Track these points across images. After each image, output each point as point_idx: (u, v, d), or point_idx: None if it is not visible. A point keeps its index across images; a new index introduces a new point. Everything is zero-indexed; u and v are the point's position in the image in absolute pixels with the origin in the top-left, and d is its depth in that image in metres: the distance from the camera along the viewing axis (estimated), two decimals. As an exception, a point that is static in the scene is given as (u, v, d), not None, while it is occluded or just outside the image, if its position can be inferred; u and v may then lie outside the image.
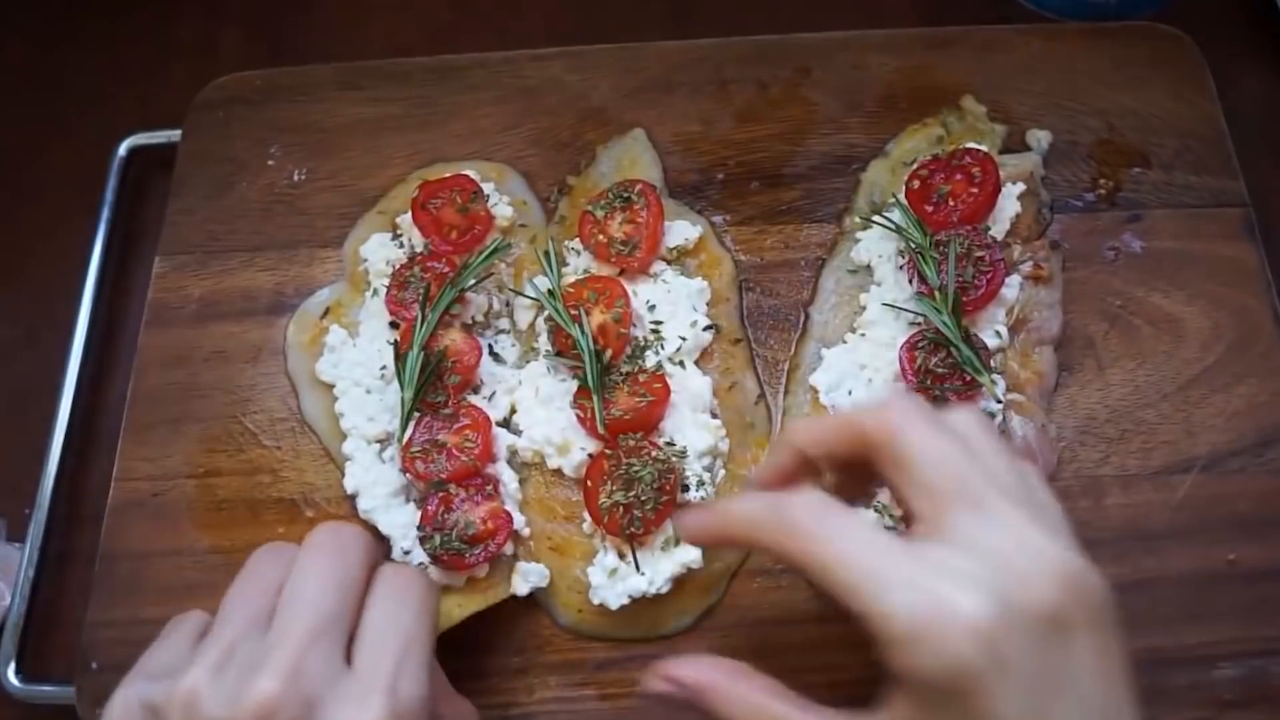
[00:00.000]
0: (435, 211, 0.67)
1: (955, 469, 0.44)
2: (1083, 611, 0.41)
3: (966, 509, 0.43)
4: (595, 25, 0.85)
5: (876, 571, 0.41)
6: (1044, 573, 0.41)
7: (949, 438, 0.45)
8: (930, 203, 0.67)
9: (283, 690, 0.43)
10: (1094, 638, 0.41)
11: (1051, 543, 0.42)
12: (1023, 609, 0.40)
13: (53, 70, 0.85)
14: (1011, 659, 0.39)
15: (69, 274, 0.74)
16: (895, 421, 0.45)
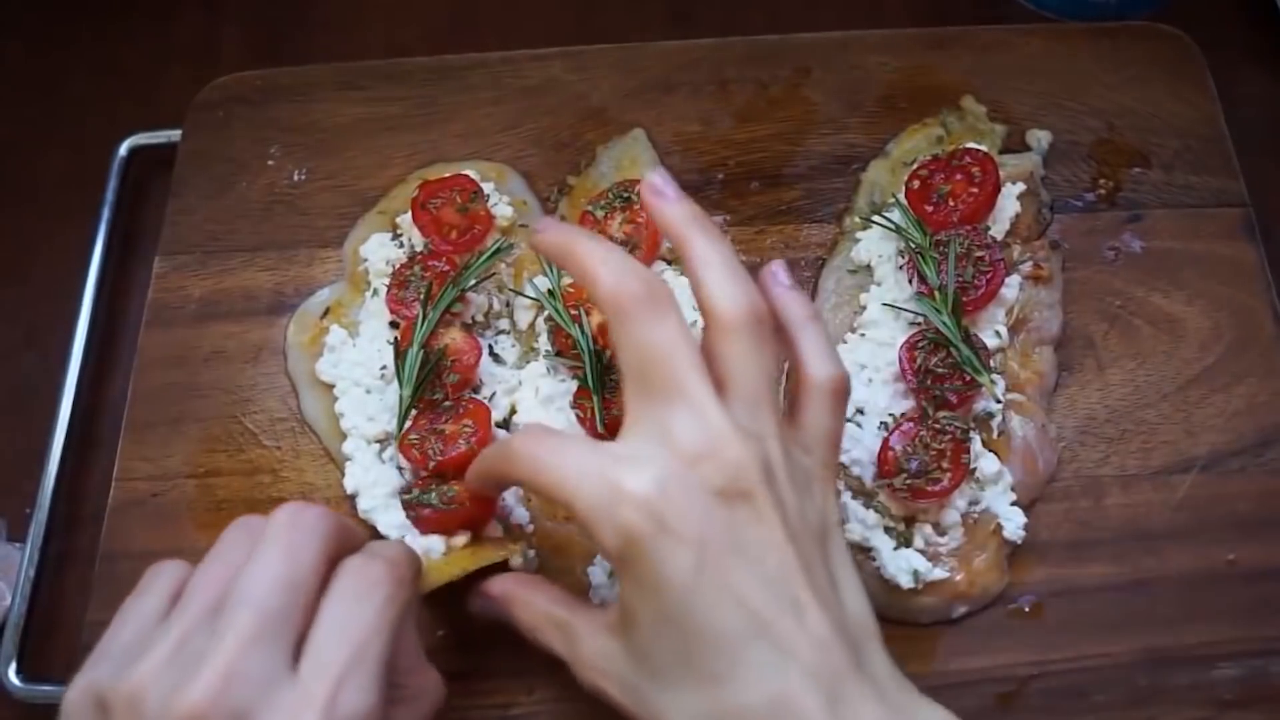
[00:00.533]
0: (435, 211, 0.68)
1: (656, 359, 0.46)
2: (744, 487, 0.45)
3: (660, 399, 0.46)
4: (595, 25, 0.85)
5: (574, 471, 0.45)
6: (713, 452, 0.45)
7: (666, 325, 0.47)
8: (930, 203, 0.67)
9: (213, 700, 0.41)
10: (759, 512, 0.45)
11: (729, 428, 0.45)
12: (685, 483, 0.44)
13: (52, 70, 0.85)
14: (673, 524, 0.44)
15: (69, 274, 0.74)
16: (612, 300, 0.47)
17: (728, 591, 0.44)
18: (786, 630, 0.44)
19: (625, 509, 0.44)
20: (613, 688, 0.48)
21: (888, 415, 0.63)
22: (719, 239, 0.51)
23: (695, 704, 0.44)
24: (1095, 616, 0.60)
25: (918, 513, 0.61)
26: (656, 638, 0.45)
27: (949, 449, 0.60)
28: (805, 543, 0.46)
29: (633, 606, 0.46)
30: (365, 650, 0.44)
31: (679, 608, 0.44)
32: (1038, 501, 0.63)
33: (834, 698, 0.43)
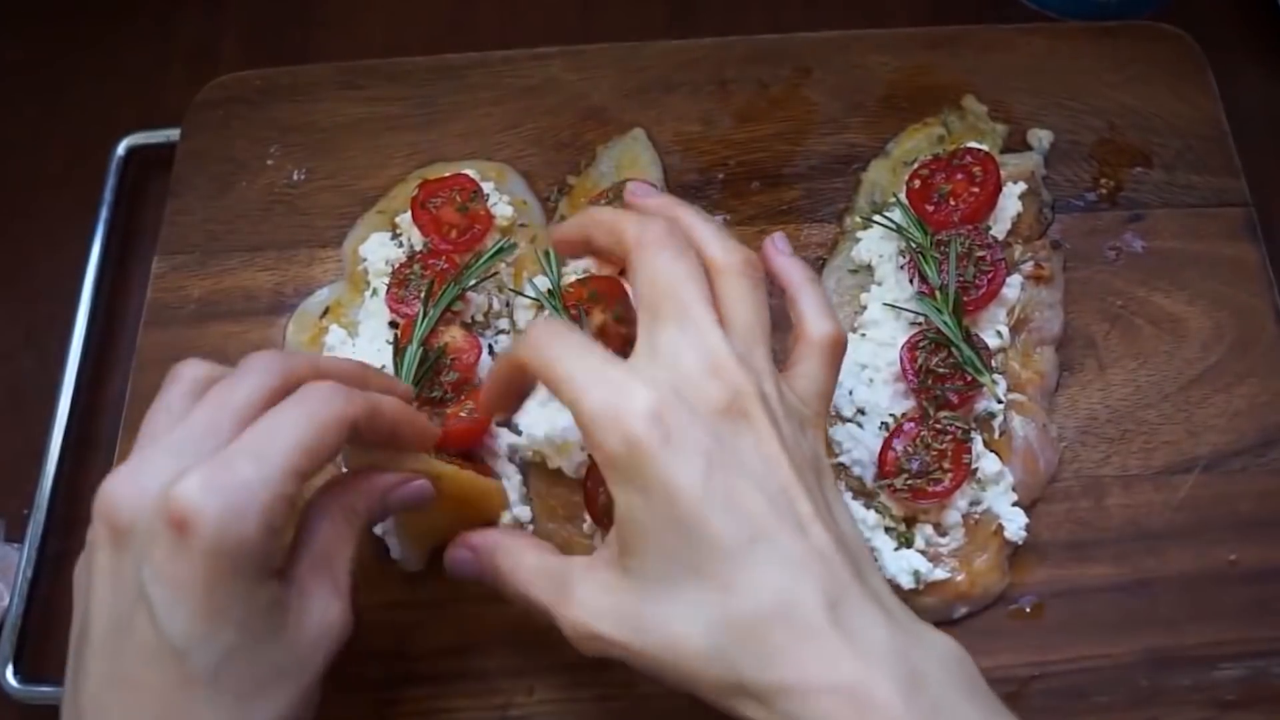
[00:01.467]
0: (435, 211, 0.67)
1: (669, 286, 0.49)
2: (744, 406, 0.47)
3: (670, 322, 0.49)
4: (595, 25, 0.85)
5: (583, 375, 0.47)
6: (716, 373, 0.47)
7: (683, 261, 0.50)
8: (931, 202, 0.67)
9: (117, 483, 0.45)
10: (758, 431, 0.47)
11: (730, 354, 0.48)
12: (690, 399, 0.47)
13: (52, 70, 0.85)
14: (677, 434, 0.45)
15: (68, 274, 0.74)
16: (637, 237, 0.51)
17: (733, 502, 0.45)
18: (790, 541, 0.45)
19: (632, 419, 0.45)
20: (607, 625, 0.47)
21: (889, 415, 0.62)
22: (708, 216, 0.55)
23: (703, 611, 0.45)
24: (1096, 617, 0.60)
25: (919, 513, 0.61)
26: (662, 550, 0.46)
27: (950, 449, 0.60)
28: (802, 467, 0.48)
29: (637, 520, 0.46)
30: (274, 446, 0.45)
31: (688, 514, 0.45)
32: (1039, 502, 0.63)
33: (836, 603, 0.44)
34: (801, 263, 0.57)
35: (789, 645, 0.44)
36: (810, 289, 0.56)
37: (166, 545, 0.43)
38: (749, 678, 0.44)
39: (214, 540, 0.43)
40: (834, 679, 0.43)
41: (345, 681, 0.59)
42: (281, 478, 0.45)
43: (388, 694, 0.59)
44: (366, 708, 0.59)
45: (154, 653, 0.43)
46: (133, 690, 0.44)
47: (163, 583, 0.43)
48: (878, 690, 0.43)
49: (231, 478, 0.44)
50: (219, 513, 0.43)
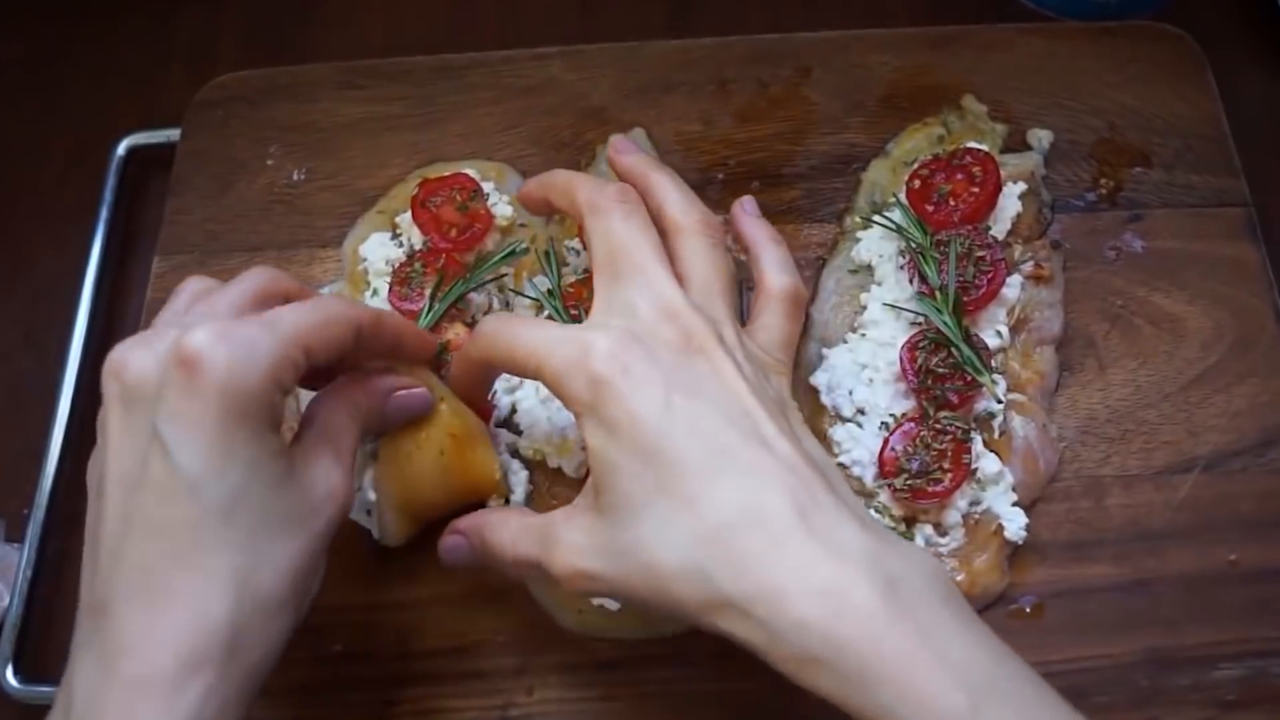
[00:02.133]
0: (435, 210, 0.67)
1: (622, 246, 0.52)
2: (700, 343, 0.49)
3: (624, 279, 0.51)
4: (595, 25, 0.85)
5: (545, 341, 0.50)
6: (672, 319, 0.50)
7: (633, 220, 0.53)
8: (931, 202, 0.67)
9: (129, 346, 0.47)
10: (716, 365, 0.49)
11: (683, 301, 0.50)
12: (645, 338, 0.49)
13: (51, 70, 0.85)
14: (636, 364, 0.47)
15: (68, 274, 0.74)
16: (588, 202, 0.54)
17: (694, 425, 0.47)
18: (754, 456, 0.47)
19: (594, 361, 0.48)
20: (595, 560, 0.48)
21: (888, 415, 0.62)
22: (674, 176, 0.57)
23: (675, 529, 0.46)
24: (1096, 617, 0.60)
25: (919, 513, 0.61)
26: (630, 479, 0.47)
27: (950, 449, 0.60)
28: (763, 396, 0.49)
29: (607, 457, 0.48)
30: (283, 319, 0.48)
31: (651, 439, 0.46)
32: (1039, 502, 0.63)
33: (806, 511, 0.45)
34: (766, 223, 0.60)
35: (762, 553, 0.44)
36: (772, 246, 0.59)
37: (178, 387, 0.44)
38: (726, 589, 0.44)
39: (223, 380, 0.44)
40: (810, 582, 0.44)
41: (345, 681, 0.60)
42: (287, 342, 0.47)
43: (388, 694, 0.59)
44: (366, 708, 0.59)
45: (168, 491, 0.44)
46: (148, 530, 0.45)
47: (175, 422, 0.44)
48: (855, 591, 0.43)
49: (239, 332, 0.46)
50: (227, 356, 0.45)
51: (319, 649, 0.60)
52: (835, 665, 0.43)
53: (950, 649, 0.43)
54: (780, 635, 0.44)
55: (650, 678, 0.59)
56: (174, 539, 0.45)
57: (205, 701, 0.43)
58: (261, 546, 0.46)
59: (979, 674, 0.43)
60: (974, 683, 0.42)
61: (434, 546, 0.62)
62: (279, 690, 0.60)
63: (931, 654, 0.43)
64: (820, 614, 0.43)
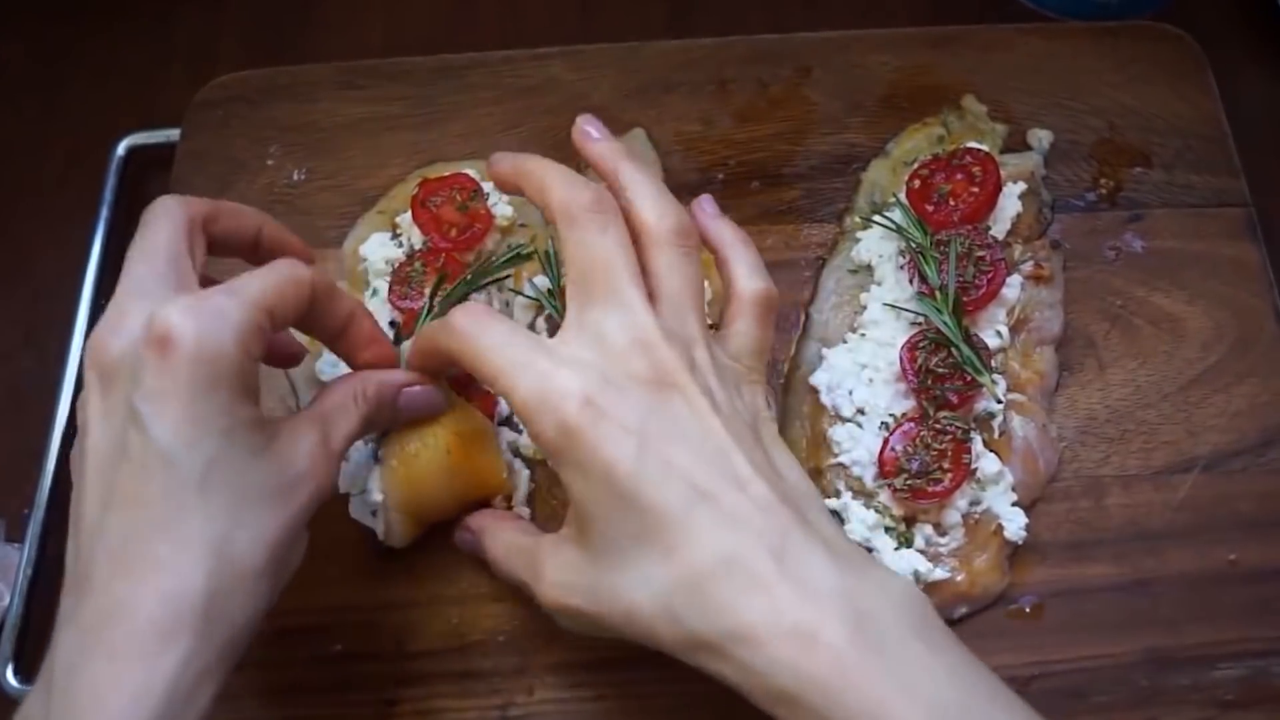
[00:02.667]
0: (435, 209, 0.68)
1: (596, 263, 0.50)
2: (672, 379, 0.49)
3: (597, 300, 0.50)
4: (595, 25, 0.85)
5: (511, 362, 0.49)
6: (643, 350, 0.49)
7: (609, 234, 0.51)
8: (931, 202, 0.67)
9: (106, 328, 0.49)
10: (689, 400, 0.48)
11: (657, 330, 0.49)
12: (616, 376, 0.48)
13: (51, 70, 0.85)
14: (609, 410, 0.47)
15: (67, 274, 0.74)
16: (562, 208, 0.52)
17: (669, 470, 0.47)
18: (729, 499, 0.47)
19: (562, 404, 0.47)
20: (577, 598, 0.50)
21: (888, 415, 0.62)
22: (647, 170, 0.55)
23: (655, 577, 0.46)
24: (1096, 617, 0.60)
25: (918, 513, 0.61)
26: (608, 525, 0.47)
27: (950, 449, 0.60)
28: (737, 427, 0.49)
29: (582, 499, 0.48)
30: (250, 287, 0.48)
31: (625, 489, 0.46)
32: (1038, 502, 0.63)
33: (780, 551, 0.46)
34: (731, 223, 0.58)
35: (735, 598, 0.45)
36: (740, 249, 0.57)
37: (152, 364, 0.45)
38: (703, 632, 0.46)
39: (193, 351, 0.45)
40: (781, 624, 0.44)
41: (345, 681, 0.60)
42: (252, 306, 0.48)
43: (388, 694, 0.59)
44: (366, 708, 0.59)
45: (145, 464, 0.45)
46: (126, 502, 0.46)
47: (150, 397, 0.45)
48: (824, 630, 0.44)
49: (206, 303, 0.47)
50: (196, 327, 0.46)
51: (319, 649, 0.60)
52: (806, 702, 0.43)
53: (919, 682, 0.44)
54: (755, 674, 0.45)
55: (650, 678, 0.59)
56: (151, 510, 0.45)
57: (184, 668, 0.44)
58: (238, 516, 0.47)
59: (948, 704, 0.43)
60: (942, 713, 0.43)
61: (434, 547, 0.62)
62: (279, 690, 0.60)
63: (899, 688, 0.43)
64: (791, 654, 0.44)
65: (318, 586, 0.61)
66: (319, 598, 0.61)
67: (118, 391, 0.47)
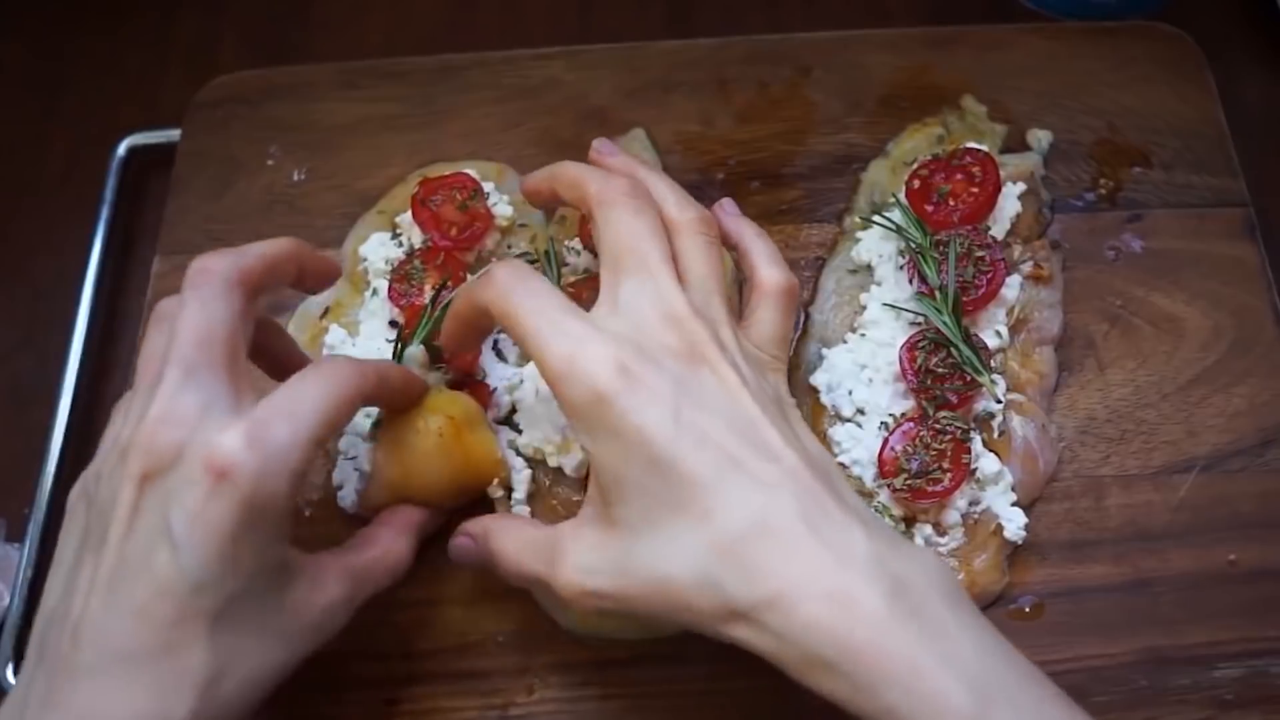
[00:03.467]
0: (435, 208, 0.68)
1: (631, 242, 0.52)
2: (702, 351, 0.50)
3: (631, 276, 0.51)
4: (595, 25, 0.85)
5: (547, 324, 0.49)
6: (674, 324, 0.50)
7: (643, 218, 0.53)
8: (930, 202, 0.67)
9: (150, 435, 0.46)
10: (719, 374, 0.49)
11: (686, 305, 0.50)
12: (649, 347, 0.49)
13: (52, 70, 0.85)
14: (642, 378, 0.47)
15: (68, 273, 0.74)
16: (599, 194, 0.54)
17: (702, 438, 0.47)
18: (760, 468, 0.47)
19: (595, 370, 0.47)
20: (605, 579, 0.49)
21: (888, 415, 0.62)
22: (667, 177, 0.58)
23: (690, 544, 0.46)
24: (1095, 617, 0.60)
25: (918, 513, 0.61)
26: (640, 493, 0.47)
27: (949, 449, 0.60)
28: (765, 401, 0.50)
29: (612, 467, 0.48)
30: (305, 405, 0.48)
31: (661, 454, 0.46)
32: (1038, 502, 0.63)
33: (814, 518, 0.46)
34: (750, 221, 0.60)
35: (771, 561, 0.45)
36: (761, 242, 0.59)
37: (203, 491, 0.45)
38: (736, 598, 0.45)
39: (250, 491, 0.45)
40: (817, 587, 0.44)
41: (345, 681, 0.60)
42: (308, 443, 0.48)
43: (388, 694, 0.59)
44: (366, 708, 0.59)
45: (168, 587, 0.45)
46: (139, 618, 0.45)
47: (192, 524, 0.45)
48: (861, 595, 0.44)
49: (270, 436, 0.46)
50: (258, 467, 0.45)
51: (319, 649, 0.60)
52: (843, 668, 0.43)
53: (956, 650, 0.44)
54: (790, 640, 0.44)
55: (650, 678, 0.59)
56: (158, 632, 0.45)
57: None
58: (240, 657, 0.47)
59: (985, 675, 0.43)
60: (980, 683, 0.43)
61: (433, 547, 0.62)
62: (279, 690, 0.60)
63: (937, 655, 0.43)
64: (828, 618, 0.44)
65: (318, 586, 0.61)
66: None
67: (156, 494, 0.46)
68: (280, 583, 0.49)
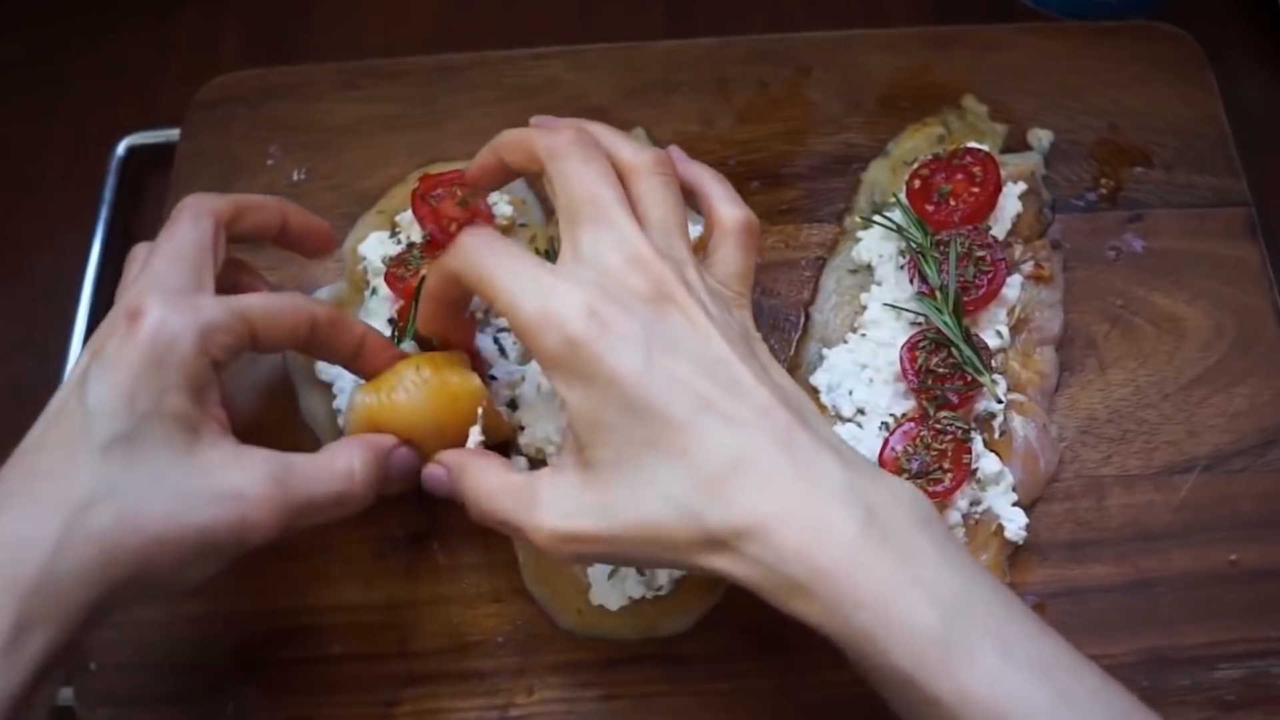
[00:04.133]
0: (435, 204, 0.68)
1: (585, 191, 0.52)
2: (668, 291, 0.50)
3: (592, 226, 0.51)
4: (595, 25, 0.85)
5: (515, 279, 0.50)
6: (638, 267, 0.50)
7: (594, 165, 0.53)
8: (931, 202, 0.67)
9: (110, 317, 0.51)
10: (687, 313, 0.50)
11: (649, 247, 0.51)
12: (616, 291, 0.49)
13: (52, 69, 0.85)
14: (613, 322, 0.48)
15: (67, 273, 0.74)
16: (547, 148, 0.54)
17: (674, 379, 0.48)
18: (731, 407, 0.48)
19: (567, 317, 0.48)
20: (586, 520, 0.49)
21: (888, 415, 0.62)
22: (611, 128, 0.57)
23: (670, 479, 0.47)
24: (1096, 617, 0.60)
25: (919, 513, 0.61)
26: (617, 434, 0.48)
27: (950, 449, 0.60)
28: (734, 339, 0.50)
29: (588, 413, 0.48)
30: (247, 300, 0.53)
31: (636, 395, 0.47)
32: (1039, 502, 0.63)
33: (788, 450, 0.47)
34: (703, 165, 0.60)
35: (748, 493, 0.46)
36: (717, 183, 0.59)
37: (118, 336, 0.49)
38: (715, 528, 0.46)
39: (152, 331, 0.49)
40: (793, 516, 0.46)
41: (346, 682, 0.60)
42: (231, 314, 0.51)
43: (388, 694, 0.59)
44: (366, 708, 0.59)
45: (66, 417, 0.49)
46: (36, 449, 0.49)
47: (100, 362, 0.49)
48: (835, 521, 0.45)
49: (186, 299, 0.51)
50: (163, 313, 0.49)
51: (319, 649, 0.60)
52: (818, 592, 0.45)
53: (926, 573, 0.45)
54: (768, 567, 0.46)
55: (650, 678, 0.59)
56: (46, 458, 0.48)
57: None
58: (121, 488, 0.47)
59: (954, 595, 0.45)
60: (949, 604, 0.44)
61: (433, 547, 0.62)
62: (279, 690, 0.60)
63: (908, 578, 0.44)
64: (803, 545, 0.45)
65: (317, 586, 0.61)
66: (319, 598, 0.61)
67: (93, 348, 0.51)
68: (185, 440, 0.50)
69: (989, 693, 0.43)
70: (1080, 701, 0.44)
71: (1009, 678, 0.43)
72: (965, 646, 0.43)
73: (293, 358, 0.67)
